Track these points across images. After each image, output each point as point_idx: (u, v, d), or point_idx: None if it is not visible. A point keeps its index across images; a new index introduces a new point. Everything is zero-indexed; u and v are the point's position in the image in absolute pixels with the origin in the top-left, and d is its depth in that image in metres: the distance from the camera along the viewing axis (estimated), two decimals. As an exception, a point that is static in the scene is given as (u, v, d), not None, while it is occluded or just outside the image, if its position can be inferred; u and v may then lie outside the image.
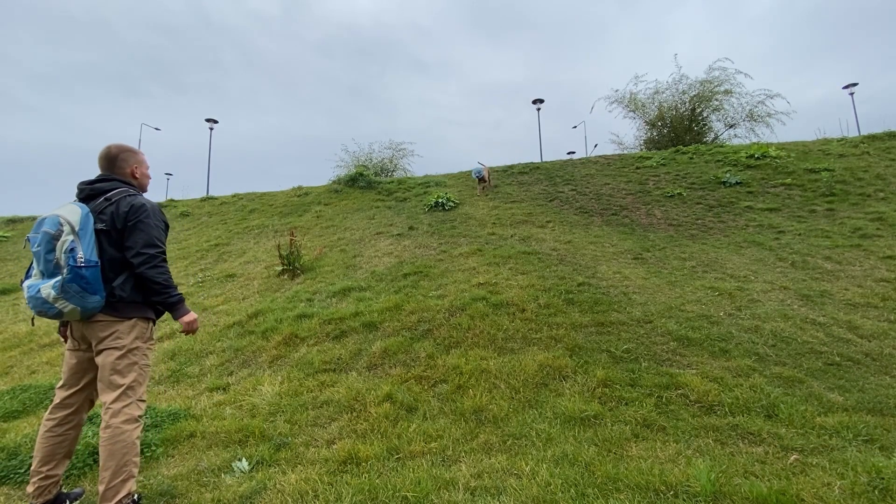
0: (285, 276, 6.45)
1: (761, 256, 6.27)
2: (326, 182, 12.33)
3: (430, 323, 4.40)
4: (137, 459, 2.03)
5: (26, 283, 2.00)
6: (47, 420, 2.09)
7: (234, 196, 12.43)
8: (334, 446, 2.68)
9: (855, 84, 19.24)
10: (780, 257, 6.19)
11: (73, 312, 1.95)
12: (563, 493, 2.04)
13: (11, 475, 2.51)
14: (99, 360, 2.05)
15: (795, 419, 2.75)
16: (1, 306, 7.27)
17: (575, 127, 25.19)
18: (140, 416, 2.07)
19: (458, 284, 5.25)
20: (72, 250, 1.91)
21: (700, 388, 3.08)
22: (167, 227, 2.26)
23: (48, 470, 2.04)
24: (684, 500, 1.96)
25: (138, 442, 2.04)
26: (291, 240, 6.75)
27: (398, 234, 7.72)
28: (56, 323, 2.82)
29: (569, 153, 22.27)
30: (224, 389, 3.66)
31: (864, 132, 11.83)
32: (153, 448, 2.74)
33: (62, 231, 1.93)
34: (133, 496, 1.99)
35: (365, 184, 11.41)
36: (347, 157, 15.88)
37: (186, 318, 2.21)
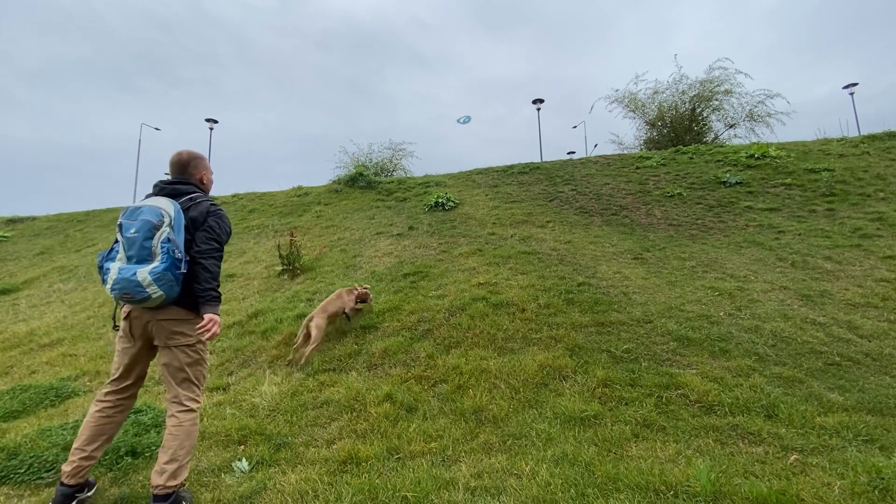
0: (285, 276, 6.45)
1: (761, 256, 6.27)
2: (326, 182, 12.33)
3: (430, 323, 4.40)
4: None
5: (112, 264, 2.07)
6: (99, 401, 2.23)
7: (233, 196, 12.43)
8: (334, 446, 2.69)
9: (855, 84, 19.21)
10: (780, 257, 6.19)
11: (158, 299, 2.04)
12: (563, 493, 2.04)
13: (11, 475, 2.51)
14: (165, 357, 2.19)
15: (795, 419, 2.75)
16: (1, 306, 7.27)
17: (575, 127, 25.13)
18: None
19: (458, 284, 5.25)
20: (168, 241, 2.04)
21: (700, 388, 3.08)
22: (230, 233, 2.38)
23: (92, 450, 2.15)
24: (684, 500, 1.96)
25: None
26: (291, 240, 6.75)
27: (398, 234, 7.72)
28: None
29: (569, 153, 22.24)
30: (224, 389, 3.66)
31: (868, 130, 11.84)
32: (154, 448, 2.74)
33: (163, 222, 2.06)
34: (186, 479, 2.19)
35: (365, 184, 11.41)
36: (347, 158, 15.84)
37: (212, 315, 2.15)
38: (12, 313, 6.80)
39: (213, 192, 2.61)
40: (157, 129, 19.27)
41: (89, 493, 2.24)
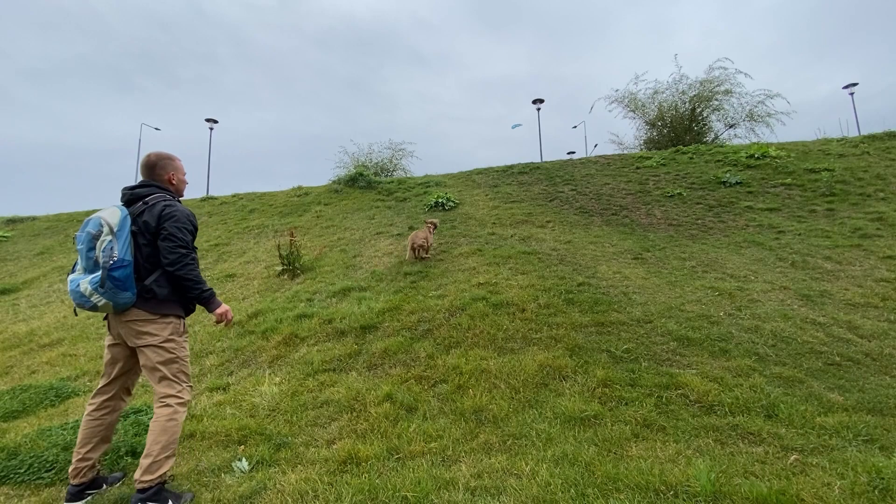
0: (285, 276, 6.45)
1: (761, 256, 6.27)
2: (326, 182, 12.33)
3: (430, 323, 4.40)
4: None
5: (70, 277, 2.20)
6: (88, 405, 2.31)
7: (234, 196, 12.43)
8: (334, 446, 2.68)
9: (855, 84, 19.22)
10: (780, 257, 6.19)
11: (106, 307, 2.14)
12: (563, 493, 2.04)
13: (11, 475, 2.51)
14: (141, 358, 2.25)
15: (795, 419, 2.75)
16: (1, 306, 7.27)
17: (575, 127, 25.16)
18: (188, 401, 2.30)
19: (458, 284, 5.25)
20: (109, 249, 2.09)
21: (700, 388, 3.08)
22: (196, 229, 2.41)
23: (85, 452, 2.24)
24: (684, 500, 1.96)
25: (182, 425, 2.26)
26: (291, 240, 6.75)
27: (398, 234, 7.72)
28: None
29: (569, 153, 22.25)
30: (224, 389, 3.66)
31: (868, 130, 11.84)
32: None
33: (102, 231, 2.12)
34: (168, 475, 2.19)
35: (365, 184, 11.41)
36: (347, 157, 15.86)
37: (220, 310, 2.39)
38: (12, 313, 6.80)
39: (213, 192, 2.63)
40: (156, 129, 19.29)
41: (104, 489, 2.33)
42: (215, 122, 18.32)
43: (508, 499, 2.04)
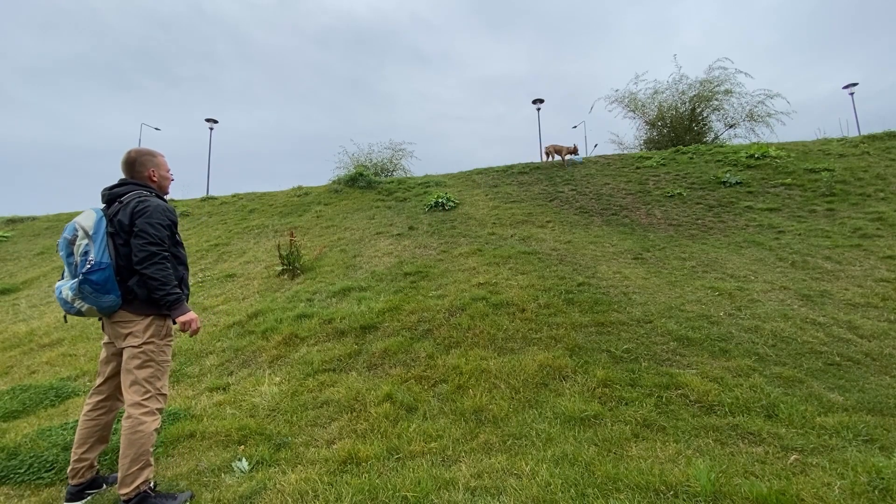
0: (285, 276, 6.45)
1: (761, 256, 6.27)
2: (326, 182, 12.34)
3: (430, 323, 4.40)
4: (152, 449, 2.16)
5: (57, 284, 2.19)
6: (85, 405, 2.29)
7: (234, 196, 12.43)
8: (334, 446, 2.68)
9: (855, 84, 19.23)
10: (780, 257, 6.19)
11: (90, 311, 2.11)
12: (563, 493, 2.04)
13: (11, 475, 2.51)
14: (124, 358, 2.20)
15: (795, 419, 2.75)
16: (1, 306, 7.27)
17: (575, 127, 25.16)
18: (158, 409, 2.20)
19: (458, 284, 5.25)
20: (85, 253, 2.05)
21: (700, 388, 3.08)
22: (173, 224, 2.29)
23: (82, 452, 2.22)
24: (684, 500, 1.96)
25: (156, 433, 2.17)
26: (291, 240, 6.75)
27: (398, 234, 7.72)
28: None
29: (569, 153, 22.23)
30: (224, 389, 3.66)
31: (868, 130, 11.85)
32: (153, 448, 2.74)
33: (77, 236, 2.09)
34: (150, 483, 2.13)
35: (365, 184, 11.41)
36: (347, 157, 15.89)
37: (183, 318, 2.20)
38: (12, 313, 6.80)
39: (213, 192, 2.61)
40: (156, 129, 19.29)
41: (104, 488, 2.32)
42: (215, 122, 18.33)
43: (508, 499, 2.04)
